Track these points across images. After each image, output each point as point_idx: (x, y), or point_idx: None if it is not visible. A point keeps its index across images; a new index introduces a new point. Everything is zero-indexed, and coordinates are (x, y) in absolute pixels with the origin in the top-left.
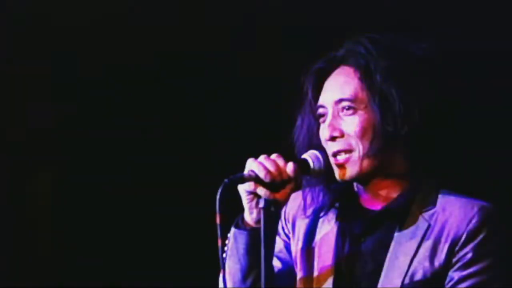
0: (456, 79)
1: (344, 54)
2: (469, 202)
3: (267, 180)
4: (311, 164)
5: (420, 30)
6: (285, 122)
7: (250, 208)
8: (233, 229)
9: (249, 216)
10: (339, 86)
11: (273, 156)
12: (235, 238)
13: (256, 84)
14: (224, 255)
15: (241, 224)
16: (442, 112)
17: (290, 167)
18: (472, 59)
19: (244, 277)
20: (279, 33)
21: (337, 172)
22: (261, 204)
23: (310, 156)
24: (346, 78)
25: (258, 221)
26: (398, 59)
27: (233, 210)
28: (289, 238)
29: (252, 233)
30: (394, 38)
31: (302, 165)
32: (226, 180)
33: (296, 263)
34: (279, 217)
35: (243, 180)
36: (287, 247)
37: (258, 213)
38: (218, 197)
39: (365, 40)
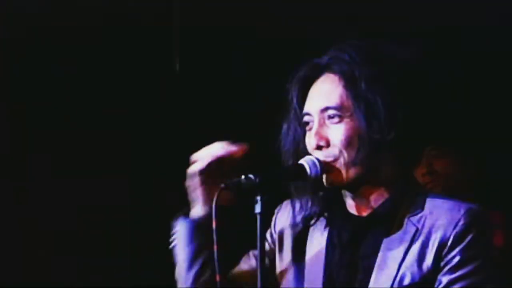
0: (443, 83)
1: (328, 61)
2: (456, 204)
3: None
4: (308, 170)
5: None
6: (272, 129)
7: (205, 200)
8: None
9: (202, 208)
10: (325, 94)
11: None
12: (215, 231)
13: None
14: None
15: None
16: (428, 117)
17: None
18: (459, 61)
19: (189, 265)
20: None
21: (325, 178)
22: (257, 209)
23: (307, 161)
24: (331, 86)
25: (210, 213)
26: (382, 65)
27: (229, 215)
28: (274, 245)
29: (198, 223)
30: (378, 43)
31: (298, 171)
32: (222, 185)
33: (281, 273)
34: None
35: (240, 185)
36: (269, 254)
37: (209, 207)
38: (214, 202)
39: (349, 47)
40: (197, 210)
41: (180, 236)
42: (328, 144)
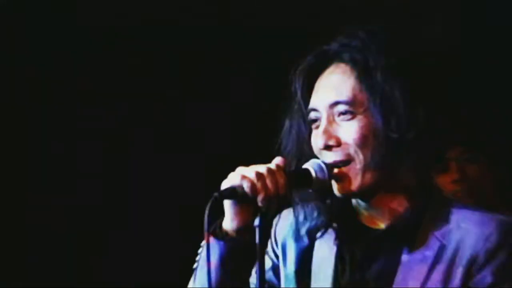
0: (469, 76)
1: (338, 49)
2: (486, 216)
3: (250, 193)
4: (314, 176)
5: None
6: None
7: (233, 215)
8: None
9: (230, 224)
10: (334, 86)
11: (265, 167)
12: (209, 247)
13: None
14: (195, 265)
15: (218, 232)
16: (453, 113)
17: (280, 182)
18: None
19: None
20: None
21: (335, 186)
22: (256, 222)
23: (312, 166)
24: (341, 77)
25: (238, 231)
26: (400, 54)
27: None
28: (277, 259)
29: (229, 244)
30: (395, 30)
31: (302, 176)
32: (216, 194)
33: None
34: (268, 235)
35: (236, 194)
36: (274, 267)
37: (240, 222)
38: (206, 213)
39: (362, 33)
40: (225, 224)
41: (205, 258)
42: (338, 144)
